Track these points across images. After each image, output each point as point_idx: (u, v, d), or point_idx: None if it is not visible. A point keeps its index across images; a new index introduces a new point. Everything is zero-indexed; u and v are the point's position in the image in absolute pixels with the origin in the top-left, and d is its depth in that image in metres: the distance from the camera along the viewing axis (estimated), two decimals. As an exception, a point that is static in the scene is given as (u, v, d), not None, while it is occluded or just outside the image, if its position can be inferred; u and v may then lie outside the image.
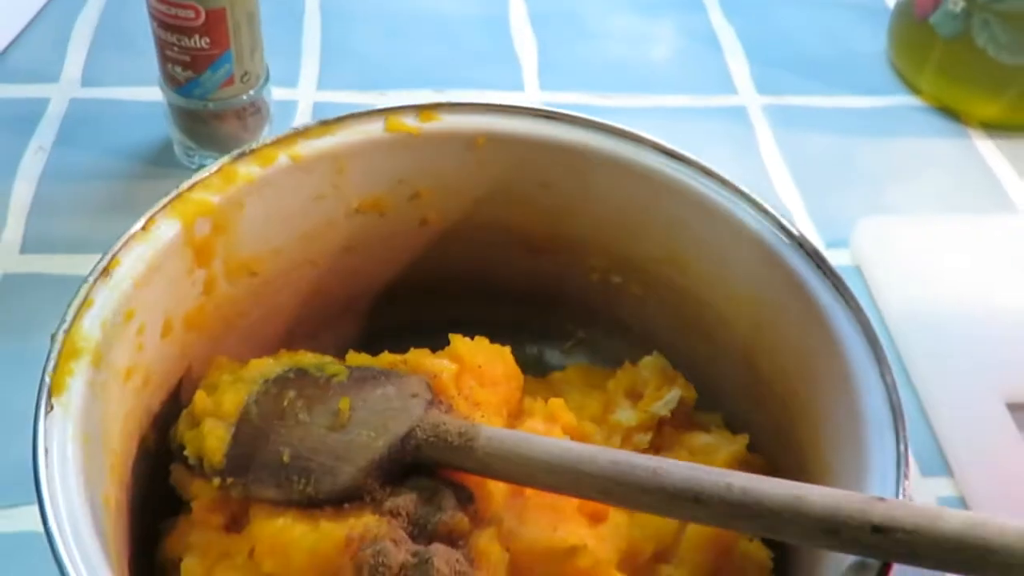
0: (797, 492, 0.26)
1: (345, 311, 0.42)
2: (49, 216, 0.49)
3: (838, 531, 0.25)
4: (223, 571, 0.30)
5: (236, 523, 0.32)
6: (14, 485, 0.39)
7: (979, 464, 0.42)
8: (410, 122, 0.38)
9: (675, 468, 0.28)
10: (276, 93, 0.54)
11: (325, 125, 0.37)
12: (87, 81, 0.57)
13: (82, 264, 0.47)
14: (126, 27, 0.60)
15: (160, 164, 0.52)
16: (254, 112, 0.51)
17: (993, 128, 0.59)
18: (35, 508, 0.38)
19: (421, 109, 0.38)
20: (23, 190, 0.50)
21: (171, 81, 0.49)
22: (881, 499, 0.26)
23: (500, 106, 0.38)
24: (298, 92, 0.58)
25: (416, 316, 0.42)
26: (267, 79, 0.51)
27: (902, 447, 0.29)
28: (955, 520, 0.24)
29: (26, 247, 0.48)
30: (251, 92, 0.50)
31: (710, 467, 0.28)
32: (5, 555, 0.37)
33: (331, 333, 0.41)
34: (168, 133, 0.53)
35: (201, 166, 0.51)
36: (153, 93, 0.55)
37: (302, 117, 0.56)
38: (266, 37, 0.50)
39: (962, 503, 0.41)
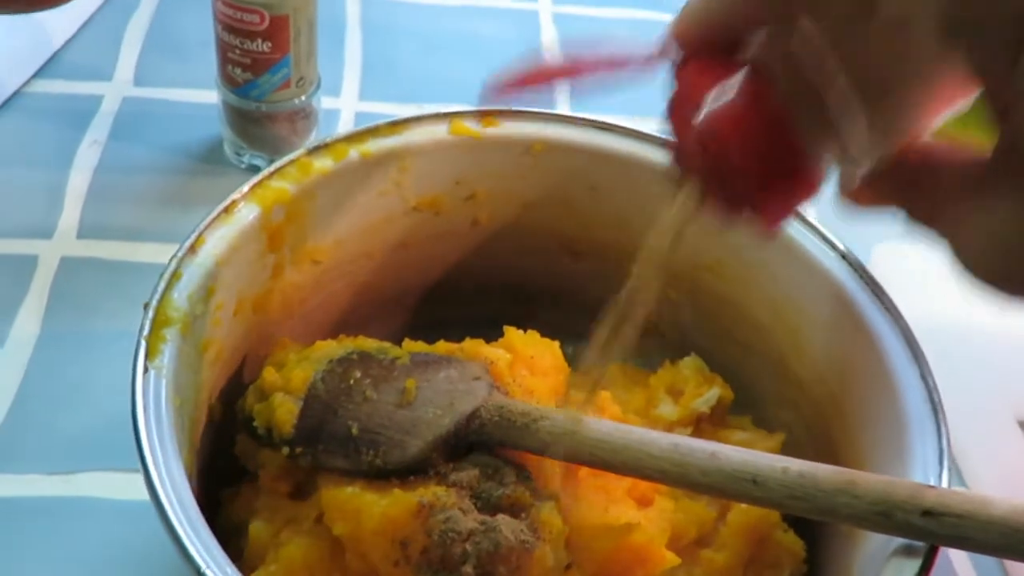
0: (850, 477, 0.28)
1: (395, 303, 0.44)
2: (103, 205, 0.51)
3: (890, 514, 0.27)
4: (290, 535, 0.32)
5: (301, 491, 0.34)
6: (73, 452, 0.40)
7: (993, 478, 0.44)
8: (473, 126, 0.40)
9: (732, 452, 0.30)
10: (322, 101, 0.56)
11: (393, 125, 0.39)
12: (139, 81, 0.59)
13: (134, 251, 0.49)
14: (175, 32, 0.63)
15: (210, 162, 0.54)
16: (304, 117, 0.53)
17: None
18: (95, 475, 0.40)
19: (483, 114, 0.40)
20: (79, 180, 0.52)
21: (229, 82, 0.51)
22: (930, 486, 0.28)
23: (557, 115, 0.41)
24: (341, 101, 0.60)
25: (460, 312, 0.43)
26: (318, 86, 0.53)
27: (944, 443, 0.30)
28: (1003, 506, 0.26)
29: (82, 233, 0.49)
30: (303, 97, 0.52)
31: (765, 453, 0.30)
32: (64, 518, 0.38)
33: (380, 324, 0.43)
34: (217, 133, 0.55)
35: (250, 165, 0.54)
36: (202, 95, 0.57)
37: (345, 125, 0.58)
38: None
39: (978, 513, 0.43)
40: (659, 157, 0.40)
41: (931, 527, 0.27)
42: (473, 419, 0.32)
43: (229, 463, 0.36)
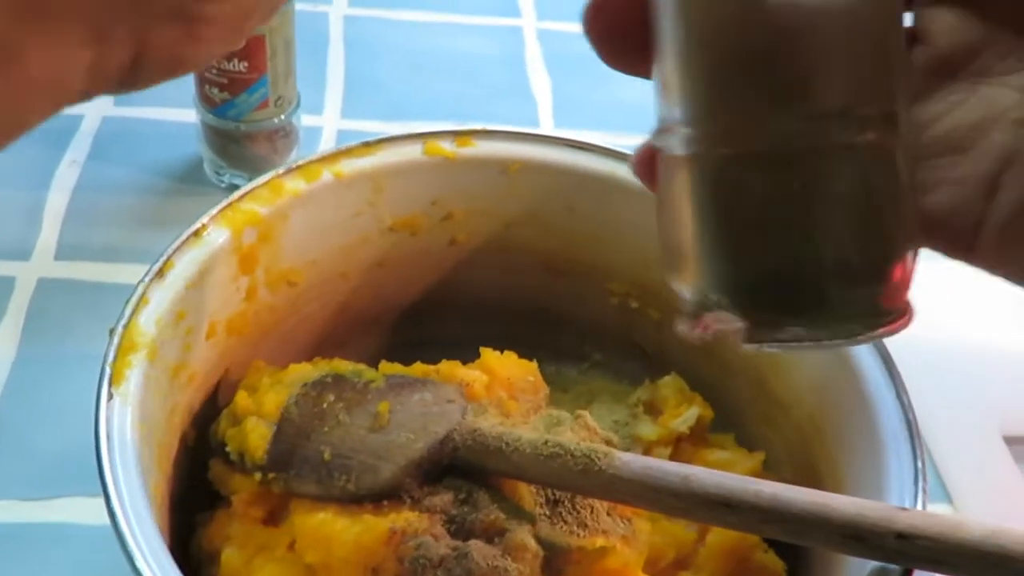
0: (824, 500, 0.28)
1: (373, 324, 0.43)
2: (82, 225, 0.50)
3: (863, 537, 0.27)
4: (262, 562, 0.31)
5: (274, 517, 0.33)
6: (53, 477, 0.40)
7: (977, 493, 0.44)
8: (447, 146, 0.40)
9: (705, 475, 0.29)
10: (303, 119, 0.56)
11: (367, 146, 0.39)
12: (120, 100, 0.58)
13: (113, 272, 0.49)
14: (157, 51, 0.62)
15: (189, 181, 0.54)
16: (284, 136, 0.53)
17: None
18: (72, 500, 0.40)
19: (458, 135, 0.40)
20: (57, 200, 0.52)
21: (207, 102, 0.51)
22: (904, 509, 0.28)
23: (534, 135, 0.40)
24: (323, 119, 0.60)
25: (439, 332, 0.43)
26: (298, 104, 0.53)
27: (920, 463, 0.30)
28: (976, 529, 0.26)
29: (60, 254, 0.49)
30: (282, 116, 0.52)
31: (739, 475, 0.29)
32: (44, 544, 0.38)
33: (358, 344, 0.43)
34: (197, 152, 0.54)
35: (231, 185, 0.53)
36: (183, 114, 0.57)
37: (327, 143, 0.58)
38: (294, 65, 0.52)
39: (962, 530, 0.43)
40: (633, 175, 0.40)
41: (905, 550, 0.27)
42: (446, 443, 0.32)
43: (207, 487, 0.35)
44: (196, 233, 0.34)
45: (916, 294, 0.22)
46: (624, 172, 0.40)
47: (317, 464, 0.32)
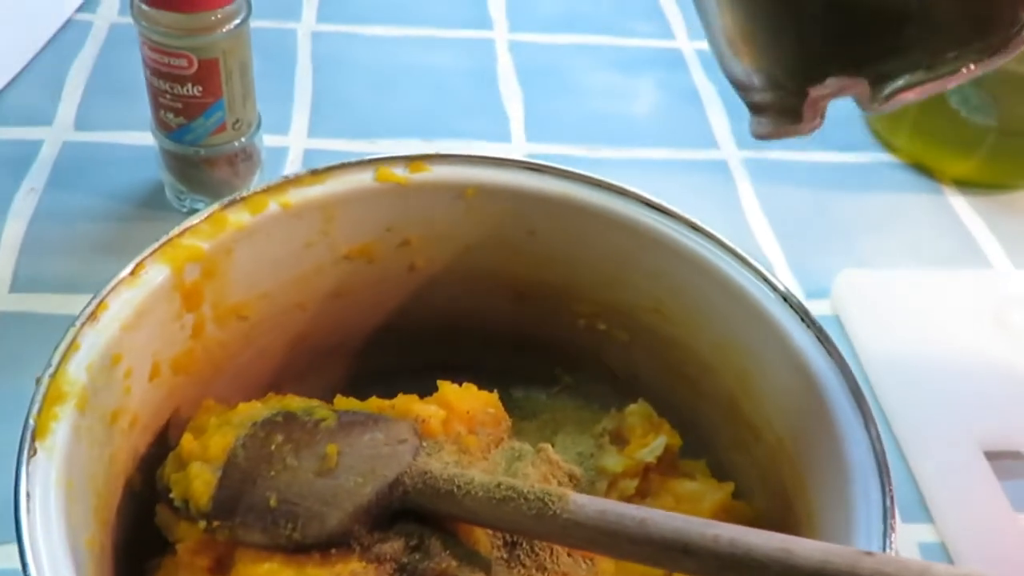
0: (785, 545, 0.27)
1: (333, 354, 0.42)
2: (40, 256, 0.49)
3: (828, 584, 0.26)
4: (207, 616, 0.30)
5: (221, 565, 0.32)
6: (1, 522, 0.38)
7: (958, 511, 0.42)
8: (400, 172, 0.38)
9: (663, 519, 0.28)
10: (267, 140, 0.54)
11: (315, 174, 0.38)
12: (80, 125, 0.57)
13: (72, 304, 0.47)
14: (119, 74, 0.61)
15: (151, 207, 0.53)
16: (245, 158, 0.52)
17: (965, 185, 0.60)
18: (15, 548, 0.38)
19: (411, 160, 0.39)
20: (14, 230, 0.50)
21: (163, 127, 0.49)
22: (869, 553, 0.26)
23: (488, 158, 0.39)
24: (289, 139, 0.59)
25: (403, 360, 0.42)
26: (259, 126, 0.52)
27: (888, 501, 0.29)
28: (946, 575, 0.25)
29: (16, 286, 0.48)
30: (242, 139, 0.51)
31: (698, 518, 0.28)
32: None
33: (319, 376, 0.41)
34: (159, 177, 0.53)
35: (192, 210, 0.52)
36: (145, 138, 0.56)
37: (293, 164, 0.57)
38: (257, 85, 0.51)
39: (943, 549, 0.42)
40: (594, 198, 0.38)
41: (870, 597, 0.25)
42: (396, 486, 0.31)
43: (159, 532, 0.34)
44: (132, 273, 0.33)
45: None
46: (582, 193, 0.39)
47: (263, 511, 0.31)
